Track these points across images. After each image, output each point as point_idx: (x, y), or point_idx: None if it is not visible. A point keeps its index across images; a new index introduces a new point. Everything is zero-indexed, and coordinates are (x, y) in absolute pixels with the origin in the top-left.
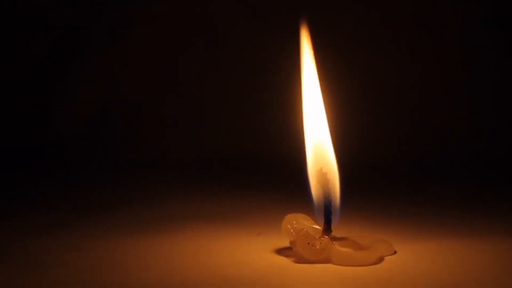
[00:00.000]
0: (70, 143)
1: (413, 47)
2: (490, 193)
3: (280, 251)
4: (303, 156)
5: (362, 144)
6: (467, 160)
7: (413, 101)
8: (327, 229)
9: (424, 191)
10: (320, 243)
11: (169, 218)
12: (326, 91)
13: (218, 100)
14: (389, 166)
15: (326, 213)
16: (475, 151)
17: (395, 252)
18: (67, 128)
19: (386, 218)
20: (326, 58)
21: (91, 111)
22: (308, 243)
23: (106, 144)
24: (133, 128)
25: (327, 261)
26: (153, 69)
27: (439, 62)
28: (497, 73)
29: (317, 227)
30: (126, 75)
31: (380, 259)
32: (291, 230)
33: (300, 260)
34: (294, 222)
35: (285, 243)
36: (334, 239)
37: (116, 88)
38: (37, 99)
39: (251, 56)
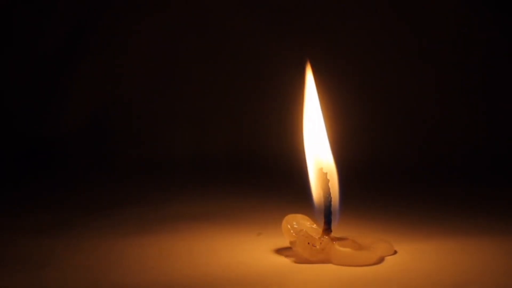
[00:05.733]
0: (70, 142)
1: (413, 49)
2: (490, 192)
3: (280, 251)
4: (304, 157)
5: (362, 144)
6: (467, 160)
7: (413, 101)
8: (327, 229)
9: (424, 191)
10: (320, 243)
11: (169, 218)
12: (326, 92)
13: (219, 100)
14: (389, 166)
15: (326, 213)
16: (475, 151)
17: (395, 252)
18: (67, 127)
19: (386, 218)
20: (327, 61)
21: (92, 111)
22: (308, 243)
23: (106, 144)
24: (133, 128)
25: (327, 261)
26: (154, 69)
27: (439, 63)
28: (495, 73)
29: (316, 227)
30: (126, 75)
31: (380, 259)
32: (291, 231)
33: (300, 260)
34: (294, 222)
35: (285, 243)
36: (334, 239)
37: (116, 88)
38: (37, 99)
39: (252, 55)
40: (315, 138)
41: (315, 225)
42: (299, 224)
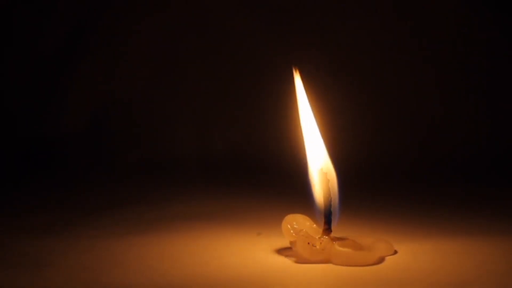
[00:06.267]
0: (70, 143)
1: (413, 49)
2: (490, 192)
3: (280, 251)
4: (304, 157)
5: (362, 144)
6: (468, 160)
7: (414, 102)
8: (327, 229)
9: (424, 191)
10: (320, 243)
11: (169, 218)
12: (327, 92)
13: (219, 99)
14: (389, 166)
15: (326, 213)
16: (475, 151)
17: (395, 252)
18: (67, 128)
19: (386, 218)
20: (328, 62)
21: (92, 111)
22: (308, 243)
23: (106, 144)
24: (133, 128)
25: (327, 261)
26: (154, 69)
27: (439, 63)
28: (496, 74)
29: (316, 227)
30: (126, 75)
31: (380, 259)
32: (291, 231)
33: (300, 260)
34: (294, 222)
35: (285, 243)
36: (334, 239)
37: (116, 88)
38: (37, 99)
39: (253, 55)
40: (312, 140)
41: (315, 225)
42: (299, 224)
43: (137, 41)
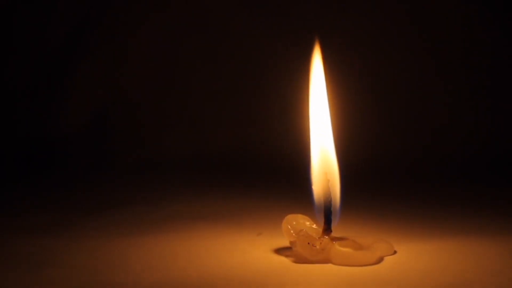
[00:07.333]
0: (70, 143)
1: (415, 48)
2: (490, 192)
3: (280, 251)
4: (306, 156)
5: (363, 144)
6: (467, 160)
7: (414, 102)
8: (327, 229)
9: (425, 191)
10: (320, 243)
11: (169, 218)
12: (329, 89)
13: (218, 99)
14: (389, 166)
15: (326, 213)
16: (475, 151)
17: (395, 252)
18: (67, 128)
19: (386, 218)
20: (332, 59)
21: (92, 111)
22: (308, 243)
23: (106, 144)
24: (133, 127)
25: (327, 261)
26: (153, 69)
27: (441, 64)
28: (494, 74)
29: (316, 227)
30: (126, 75)
31: (380, 259)
32: (291, 231)
33: (300, 260)
34: (294, 222)
35: (285, 243)
36: (334, 239)
37: (116, 88)
38: (37, 99)
39: (253, 55)
40: (321, 137)
41: (315, 225)
42: (299, 224)
43: (137, 41)
